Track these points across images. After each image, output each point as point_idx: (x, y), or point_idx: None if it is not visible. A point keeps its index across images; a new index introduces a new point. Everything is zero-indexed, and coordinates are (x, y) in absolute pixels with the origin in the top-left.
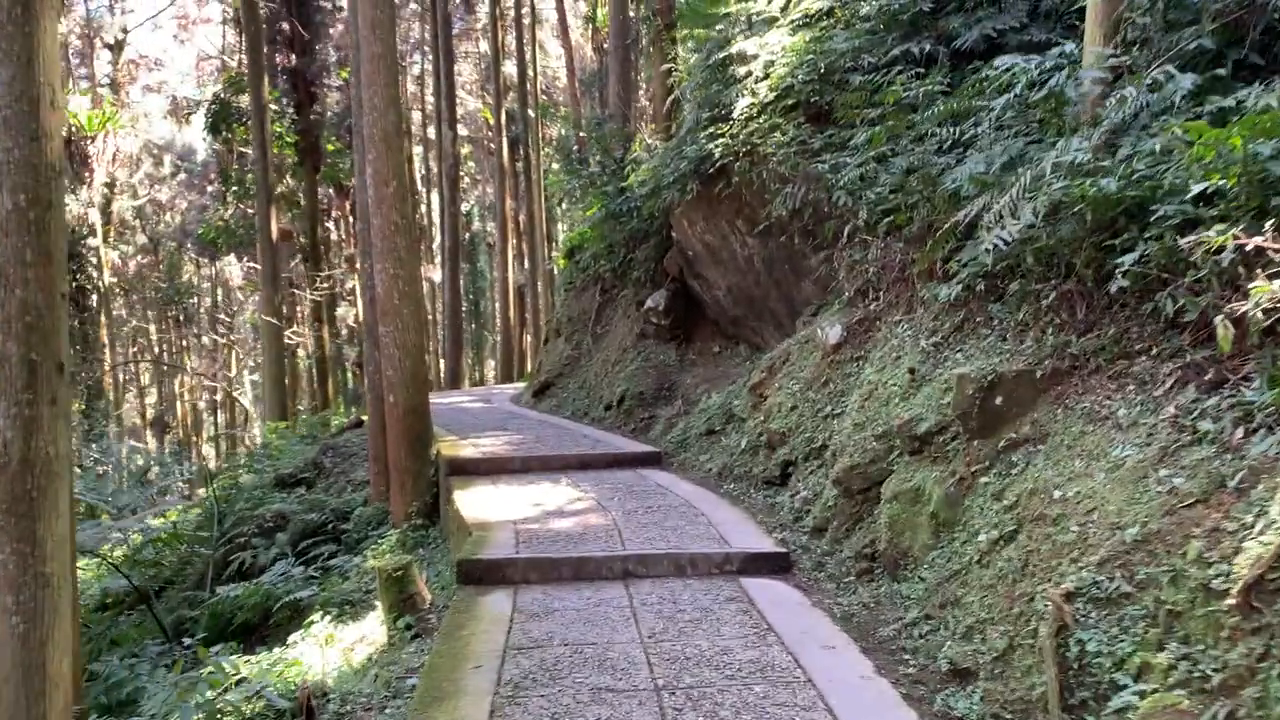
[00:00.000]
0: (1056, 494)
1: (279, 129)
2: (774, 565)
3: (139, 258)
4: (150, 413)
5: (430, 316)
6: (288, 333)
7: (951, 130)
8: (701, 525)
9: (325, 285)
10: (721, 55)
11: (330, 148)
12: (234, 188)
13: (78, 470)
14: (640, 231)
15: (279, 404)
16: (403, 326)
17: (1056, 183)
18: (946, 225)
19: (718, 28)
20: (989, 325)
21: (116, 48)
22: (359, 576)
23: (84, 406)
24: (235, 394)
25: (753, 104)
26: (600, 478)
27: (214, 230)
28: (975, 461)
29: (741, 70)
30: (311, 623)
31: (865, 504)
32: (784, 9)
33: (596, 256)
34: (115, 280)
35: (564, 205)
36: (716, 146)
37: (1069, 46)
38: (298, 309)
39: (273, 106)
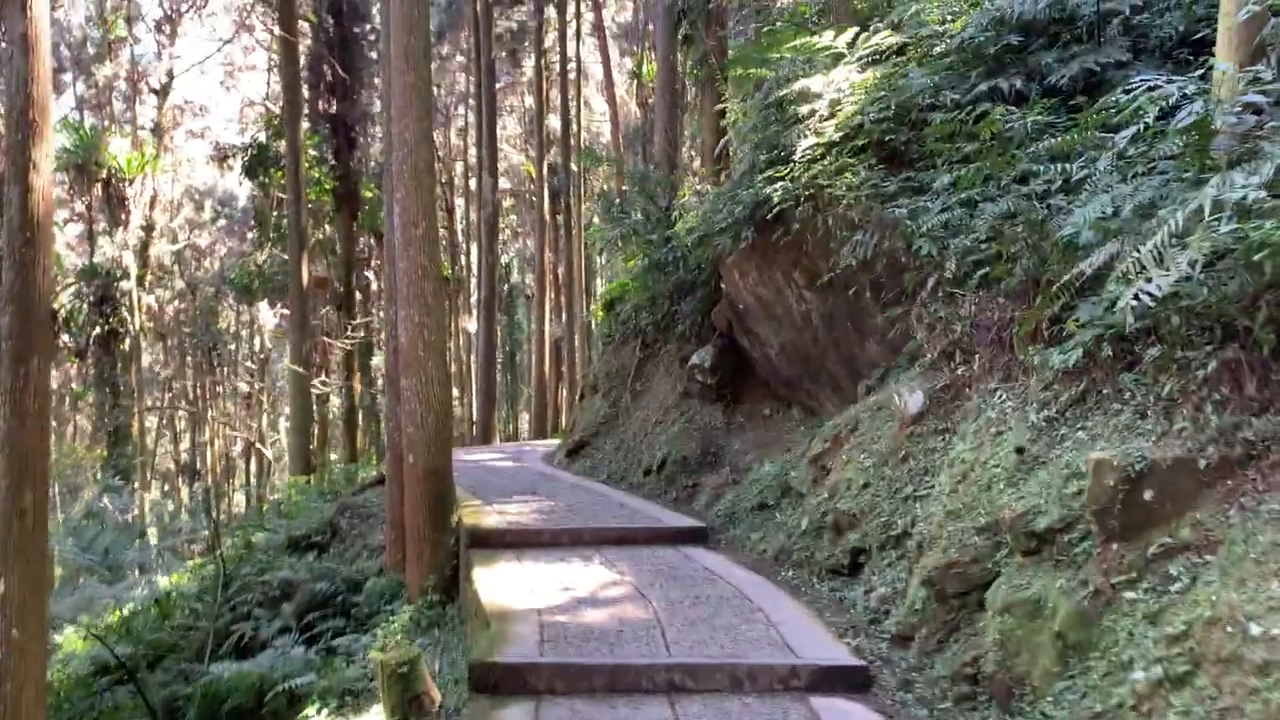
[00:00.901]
0: (1255, 629)
1: (317, 174)
2: (850, 682)
3: (176, 303)
4: (184, 459)
5: (464, 368)
6: (316, 381)
7: (1060, 169)
8: (759, 625)
9: (357, 334)
10: (782, 94)
11: (368, 194)
12: (270, 233)
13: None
14: (686, 283)
15: (303, 456)
16: (426, 380)
17: (1222, 226)
18: (1062, 279)
19: (777, 66)
20: (1120, 399)
21: (162, 93)
22: (366, 660)
23: (106, 453)
24: (258, 444)
25: (817, 144)
26: (639, 557)
27: (246, 275)
28: (1117, 570)
29: (804, 109)
30: (306, 718)
31: (964, 611)
32: (851, 45)
33: (638, 309)
34: (152, 324)
35: (604, 257)
36: (775, 191)
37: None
38: (330, 357)
39: (311, 152)
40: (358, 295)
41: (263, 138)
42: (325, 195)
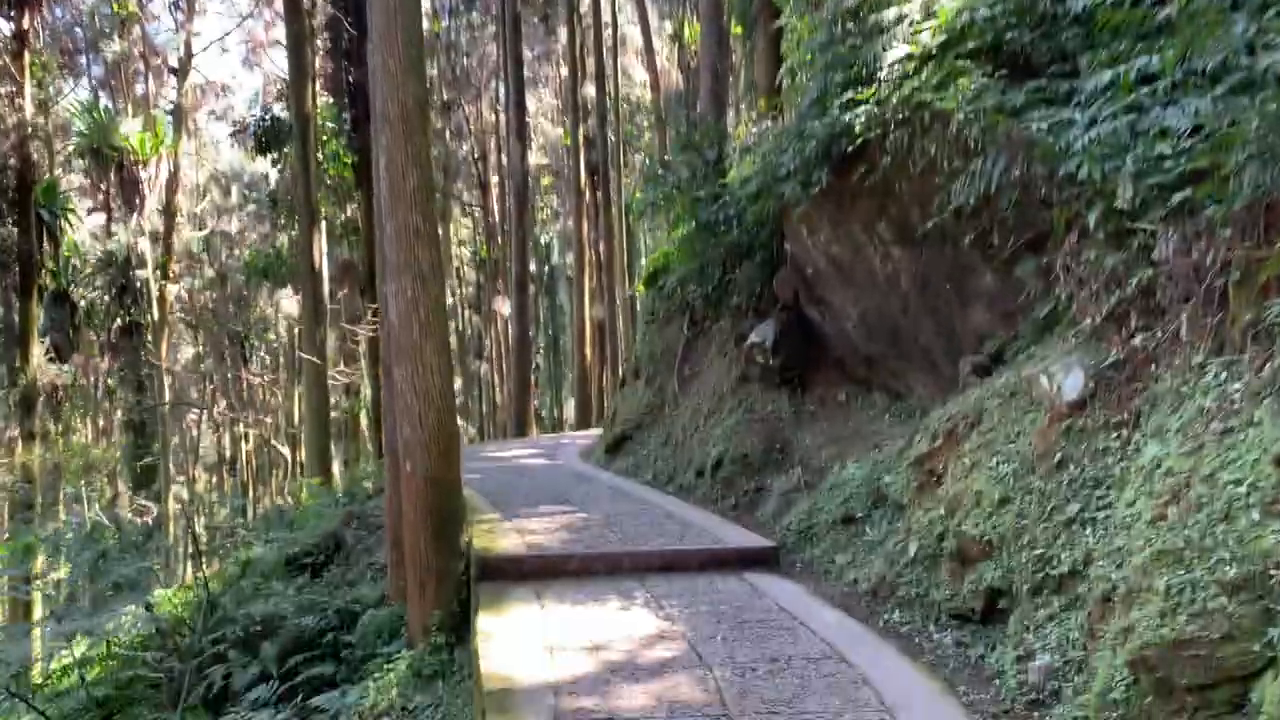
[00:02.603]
0: None
1: (335, 148)
2: None
3: (208, 292)
4: (225, 454)
5: (504, 355)
6: (333, 372)
7: None
8: (870, 712)
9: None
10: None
11: None
12: (283, 213)
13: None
14: (741, 246)
15: (320, 453)
16: (424, 368)
17: None
18: None
19: None
20: None
21: (180, 72)
22: None
23: (118, 452)
24: (273, 441)
25: (911, 55)
26: (693, 591)
27: (263, 259)
28: None
29: (889, 14)
30: None
31: (1208, 714)
32: None
33: (684, 280)
34: (184, 315)
35: (647, 232)
36: (856, 117)
37: None
38: (356, 346)
39: (329, 124)
40: None
41: (277, 110)
42: (346, 171)
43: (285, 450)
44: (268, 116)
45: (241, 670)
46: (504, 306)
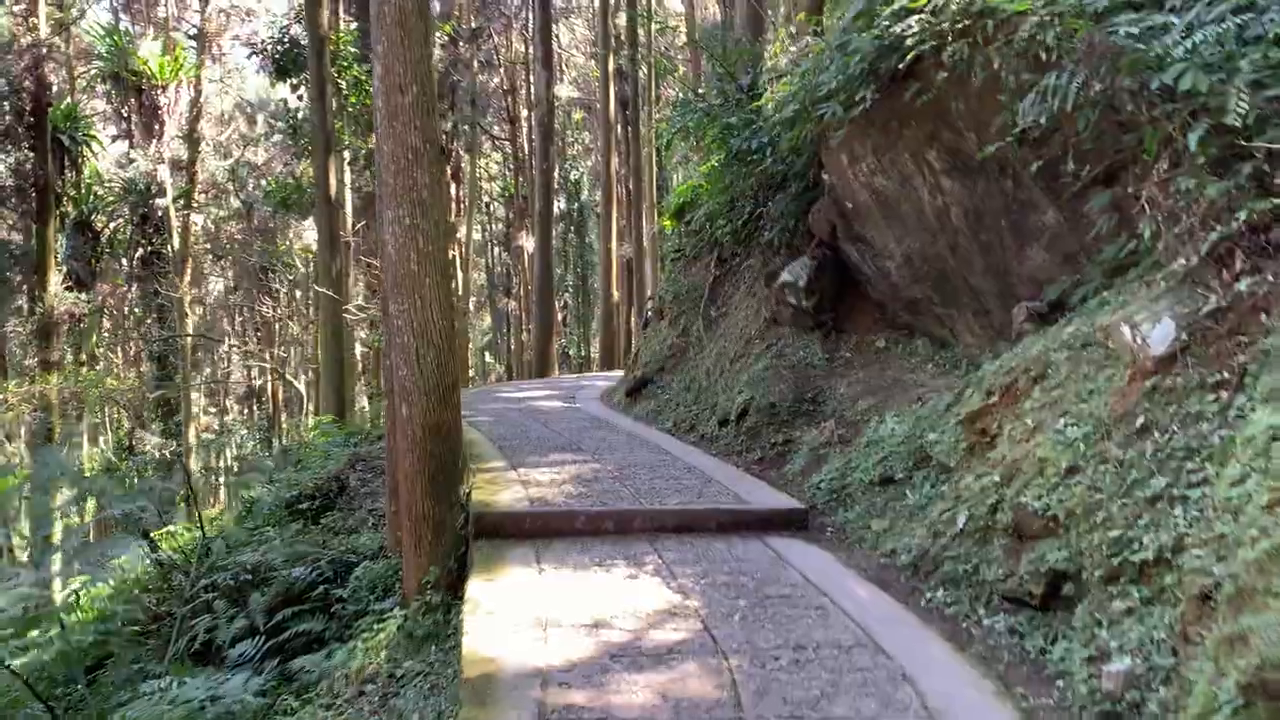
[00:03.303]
0: None
1: (356, 73)
2: None
3: (234, 223)
4: (254, 385)
5: (526, 291)
6: (350, 306)
7: None
8: (910, 715)
9: None
10: None
11: None
12: (304, 141)
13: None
14: (774, 176)
15: (335, 390)
16: (422, 303)
17: None
18: None
19: None
20: None
21: None
22: (331, 691)
23: (156, 373)
24: (286, 376)
25: None
26: (711, 557)
27: (283, 189)
28: None
29: None
30: None
31: None
32: None
33: (712, 215)
34: (209, 246)
35: (676, 162)
36: (908, 28)
37: None
38: (379, 280)
39: (351, 49)
40: None
41: (296, 31)
42: (369, 98)
43: (300, 386)
44: (285, 38)
45: (228, 623)
46: (529, 243)
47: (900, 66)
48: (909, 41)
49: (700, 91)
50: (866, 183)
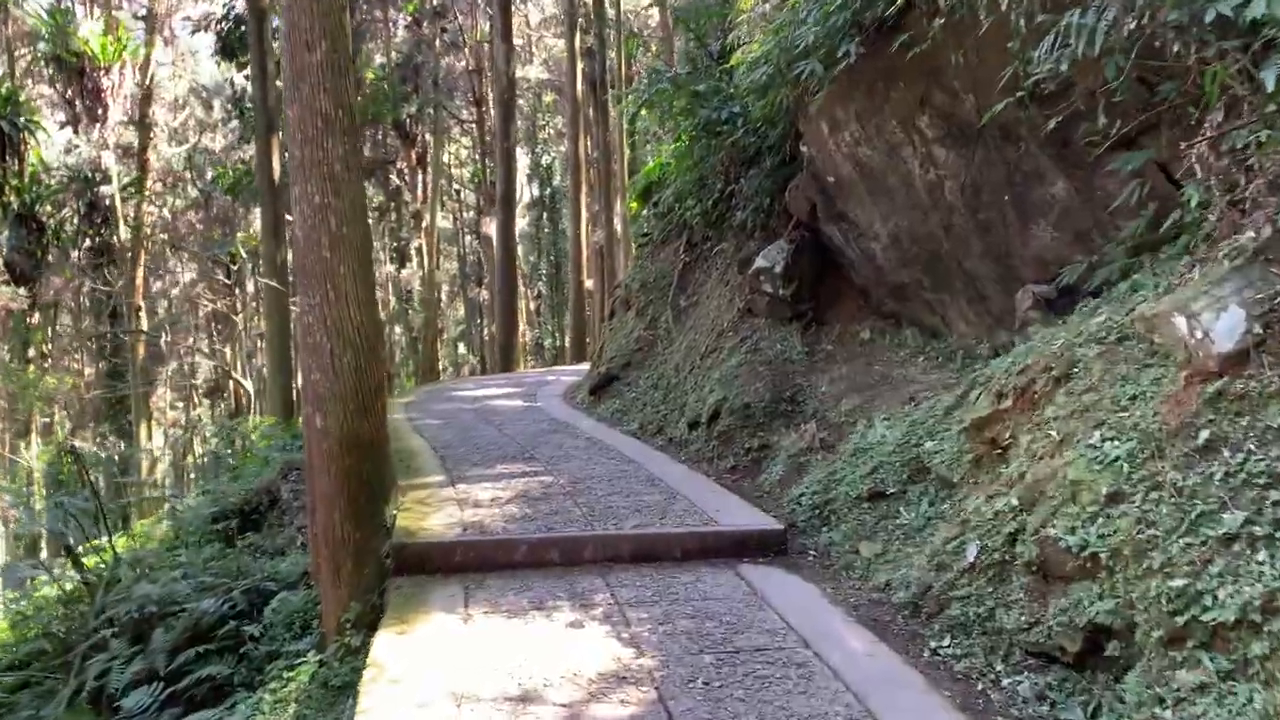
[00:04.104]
0: None
1: None
2: None
3: (192, 212)
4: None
5: (485, 279)
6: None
7: None
8: None
9: None
10: None
11: (371, 75)
12: (251, 122)
13: None
14: (747, 150)
15: (282, 389)
16: (337, 296)
17: None
18: None
19: None
20: None
21: None
22: None
23: (107, 368)
24: (233, 374)
25: None
26: (672, 594)
27: (232, 174)
28: None
29: None
30: None
31: None
32: None
33: (681, 195)
34: (165, 238)
35: (648, 141)
36: None
37: None
38: None
39: None
40: (369, 193)
41: (240, 7)
42: None
43: (249, 384)
44: (231, 15)
45: (124, 665)
46: (489, 226)
47: (888, 15)
48: None
49: (671, 65)
50: (850, 154)
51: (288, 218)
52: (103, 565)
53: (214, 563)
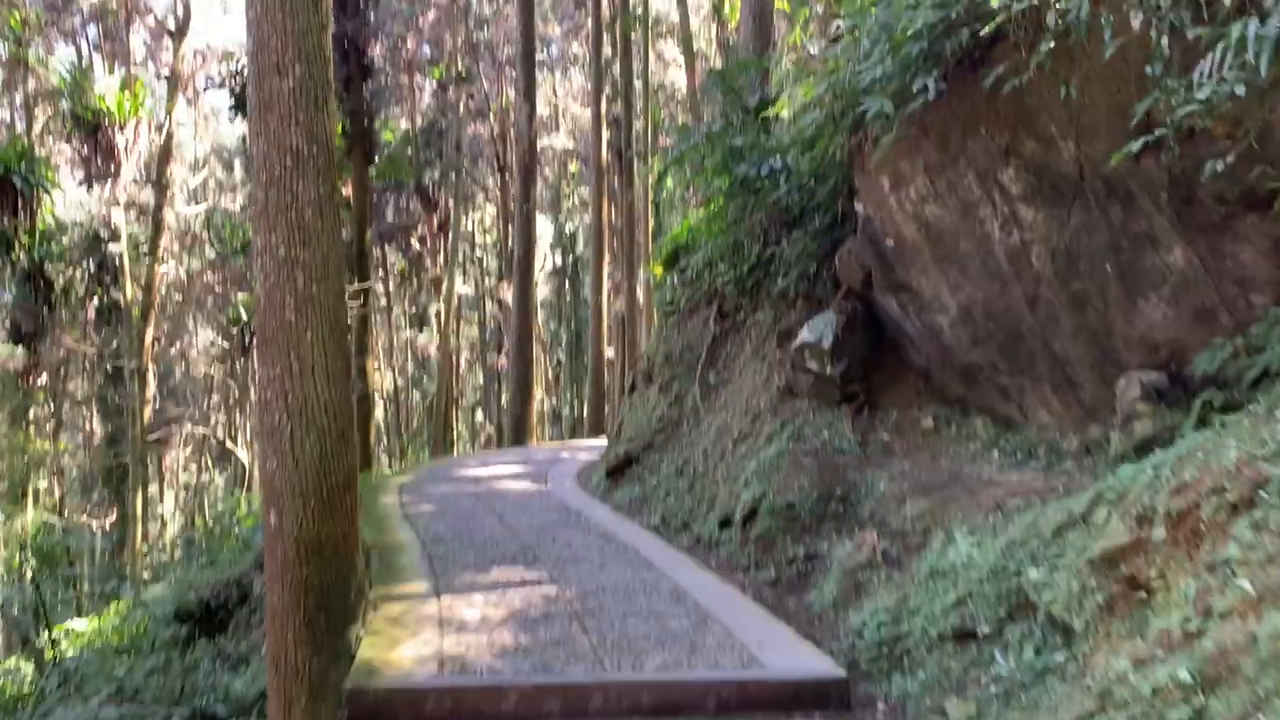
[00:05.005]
0: None
1: None
2: None
3: (211, 273)
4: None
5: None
6: None
7: None
8: None
9: (356, 300)
10: None
11: (389, 137)
12: None
13: None
14: (791, 209)
15: None
16: (301, 368)
17: None
18: None
19: None
20: None
21: (178, 34)
22: None
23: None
24: (228, 443)
25: None
26: None
27: (242, 234)
28: None
29: None
30: None
31: None
32: None
33: (712, 261)
34: (180, 298)
35: (675, 202)
36: None
37: None
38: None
39: None
40: (390, 258)
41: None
42: (336, 137)
43: (243, 453)
44: (243, 69)
45: None
46: (506, 292)
47: (975, 42)
48: (993, 2)
49: (703, 121)
50: (914, 213)
51: None
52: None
53: (157, 676)
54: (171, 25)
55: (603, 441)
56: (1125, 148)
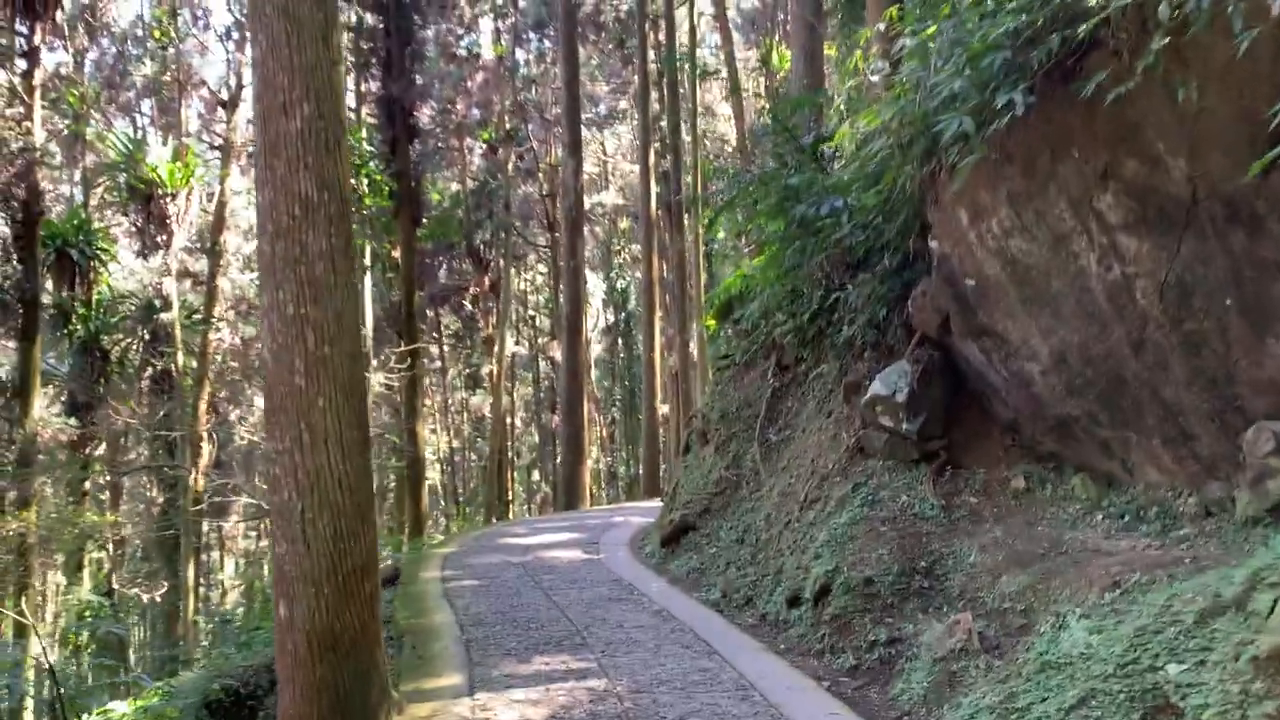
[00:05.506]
0: None
1: (369, 172)
2: None
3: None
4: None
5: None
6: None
7: None
8: None
9: (403, 364)
10: None
11: (436, 197)
12: None
13: None
14: (855, 250)
15: None
16: (313, 438)
17: None
18: None
19: None
20: None
21: (230, 105)
22: None
23: (166, 508)
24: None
25: None
26: None
27: None
28: None
29: None
30: None
31: None
32: None
33: (768, 311)
34: (236, 365)
35: (727, 252)
36: None
37: None
38: (398, 398)
39: (368, 146)
40: (443, 319)
41: None
42: (383, 200)
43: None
44: None
45: None
46: (556, 351)
47: (1066, 52)
48: (1093, 1)
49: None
50: (998, 249)
51: None
52: None
53: None
54: (225, 95)
55: (658, 503)
56: (1262, 159)
